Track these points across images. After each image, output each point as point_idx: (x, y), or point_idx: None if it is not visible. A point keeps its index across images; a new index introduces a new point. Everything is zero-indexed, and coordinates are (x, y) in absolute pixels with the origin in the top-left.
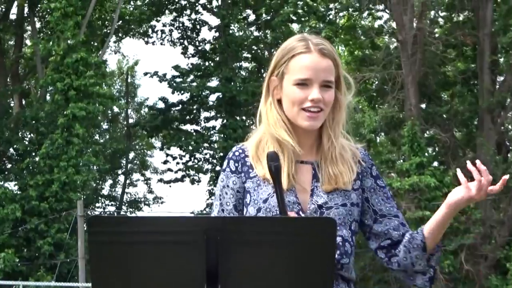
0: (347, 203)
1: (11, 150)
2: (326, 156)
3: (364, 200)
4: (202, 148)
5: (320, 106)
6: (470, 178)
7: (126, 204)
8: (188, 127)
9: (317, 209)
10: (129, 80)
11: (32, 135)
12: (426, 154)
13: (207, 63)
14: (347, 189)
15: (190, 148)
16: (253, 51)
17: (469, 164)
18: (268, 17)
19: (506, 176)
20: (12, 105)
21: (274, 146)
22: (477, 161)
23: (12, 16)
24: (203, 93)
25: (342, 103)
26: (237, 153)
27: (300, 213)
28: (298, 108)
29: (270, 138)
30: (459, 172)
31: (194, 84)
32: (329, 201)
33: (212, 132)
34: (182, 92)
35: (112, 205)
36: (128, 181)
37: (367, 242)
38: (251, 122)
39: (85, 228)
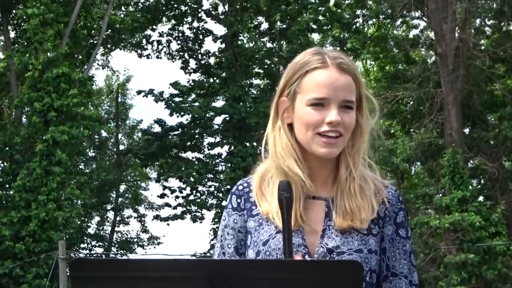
0: (364, 249)
1: None
2: (343, 188)
3: (381, 251)
4: (206, 180)
5: (339, 130)
6: None
7: (116, 245)
8: (189, 154)
9: (327, 254)
10: (119, 100)
11: (5, 164)
12: (470, 187)
13: (211, 80)
14: (364, 232)
15: (192, 179)
16: (265, 66)
17: None
18: (284, 26)
19: None
20: None
21: (280, 179)
22: None
23: None
24: (207, 115)
25: (364, 128)
26: (241, 187)
27: (306, 257)
28: (313, 133)
29: (275, 170)
30: None
31: (196, 104)
32: (342, 245)
33: (217, 160)
34: (182, 113)
35: (99, 246)
36: (118, 218)
37: None
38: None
39: (68, 273)
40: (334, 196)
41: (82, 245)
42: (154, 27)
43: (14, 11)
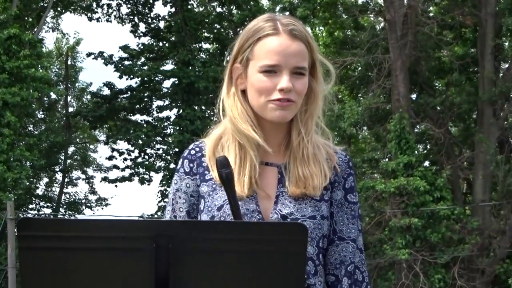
0: (317, 215)
1: None
2: (295, 155)
3: (329, 215)
4: (154, 143)
5: (290, 97)
6: (465, 179)
7: (65, 206)
8: (138, 117)
9: (281, 220)
10: (69, 63)
11: None
12: (416, 152)
13: (161, 44)
14: (317, 199)
15: (140, 142)
16: (215, 31)
17: None
18: None
19: None
20: None
21: (234, 145)
22: None
23: None
24: (156, 78)
25: (317, 93)
26: (193, 152)
27: (260, 220)
28: (265, 99)
29: (231, 136)
30: None
31: (146, 67)
32: (296, 211)
33: (166, 123)
34: (132, 76)
35: (48, 206)
36: (67, 180)
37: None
38: (211, 113)
39: (16, 233)
40: (287, 163)
41: (30, 206)
42: None
43: None
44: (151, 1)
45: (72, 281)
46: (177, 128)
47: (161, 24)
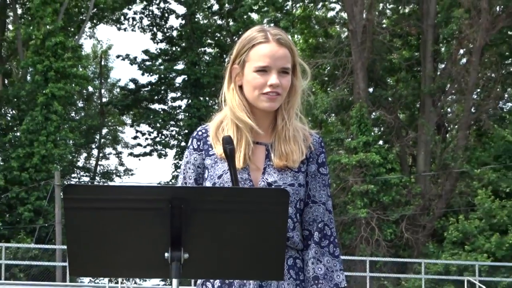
0: (295, 183)
1: None
2: (280, 135)
3: (305, 183)
4: (169, 126)
5: (277, 91)
6: (410, 155)
7: (99, 175)
8: (156, 106)
9: (267, 186)
10: (102, 63)
11: (14, 111)
12: (372, 133)
13: (174, 48)
14: (295, 170)
15: (158, 125)
16: (216, 38)
17: None
18: (231, 7)
19: None
20: None
21: (233, 128)
22: None
23: None
24: (170, 75)
25: (297, 88)
26: (200, 133)
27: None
28: (258, 93)
29: (230, 121)
30: None
31: (162, 67)
32: (279, 180)
33: (178, 111)
34: (151, 74)
35: (86, 176)
36: (101, 154)
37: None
38: (213, 102)
39: (61, 196)
40: (273, 142)
41: (73, 175)
42: (130, 6)
43: None
44: (166, 15)
45: (105, 234)
46: (187, 114)
47: (174, 33)
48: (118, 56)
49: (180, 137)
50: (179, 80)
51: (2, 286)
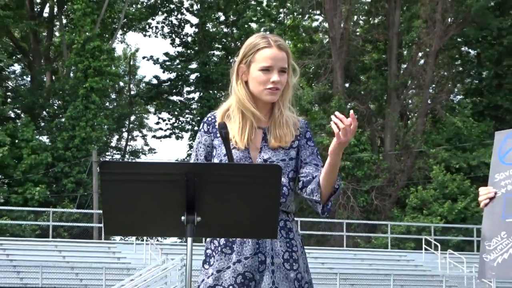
0: (286, 158)
1: (44, 112)
2: (275, 122)
3: (298, 154)
4: (184, 113)
5: (278, 87)
6: (379, 137)
7: (128, 153)
8: (174, 98)
9: (263, 162)
10: (131, 63)
11: (59, 102)
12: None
13: (188, 51)
14: (287, 148)
15: (176, 113)
16: (222, 43)
17: (333, 118)
18: (235, 18)
19: (351, 112)
20: (45, 79)
21: (239, 115)
22: (336, 113)
23: (45, 14)
24: (186, 73)
25: (290, 84)
26: (209, 118)
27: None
28: (263, 88)
29: (236, 109)
30: (333, 125)
31: (179, 66)
32: (272, 156)
33: (192, 102)
34: (170, 72)
35: (118, 154)
36: (129, 137)
37: (297, 186)
38: (220, 95)
39: (98, 170)
40: (269, 126)
41: (107, 154)
42: (153, 17)
43: (65, 6)
44: (182, 24)
45: (134, 201)
46: (199, 104)
47: (189, 39)
48: (144, 57)
49: (193, 123)
50: (192, 76)
51: (50, 243)
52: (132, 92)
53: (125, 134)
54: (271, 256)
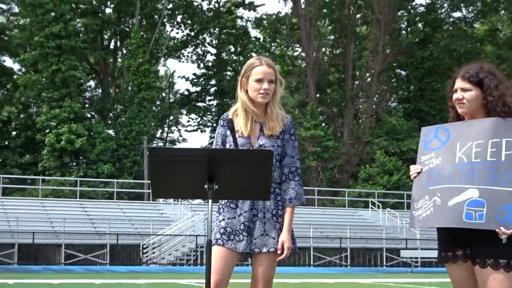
0: (275, 145)
1: (111, 114)
2: (269, 117)
3: (282, 146)
4: (207, 115)
5: (267, 92)
6: (339, 131)
7: (168, 142)
8: (200, 104)
9: (259, 147)
10: (170, 80)
11: (121, 106)
12: (318, 120)
13: (209, 72)
14: (276, 137)
15: (200, 114)
16: (233, 66)
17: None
18: (241, 49)
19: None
20: (111, 91)
21: (243, 113)
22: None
23: (111, 46)
24: (207, 87)
25: (278, 91)
26: (224, 117)
27: (250, 148)
28: (257, 93)
29: (241, 109)
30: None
31: (203, 82)
32: (266, 143)
33: (212, 107)
34: (197, 86)
35: (161, 142)
36: (169, 130)
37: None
38: (232, 102)
39: (147, 153)
40: (265, 121)
41: (153, 142)
42: (185, 49)
43: (125, 41)
44: (205, 54)
45: (172, 174)
46: (216, 109)
47: (210, 64)
48: (178, 76)
49: (212, 121)
50: (212, 90)
51: (115, 203)
52: (171, 100)
53: (166, 129)
54: (263, 212)
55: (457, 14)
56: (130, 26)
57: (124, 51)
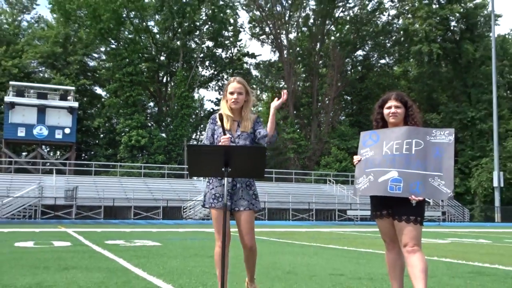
0: (248, 138)
1: (163, 124)
2: (243, 118)
3: (254, 132)
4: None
5: (237, 101)
6: (308, 134)
7: (200, 141)
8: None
9: (237, 136)
10: (201, 102)
11: (170, 119)
12: (295, 127)
13: None
14: (248, 133)
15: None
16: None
17: (283, 92)
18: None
19: (285, 91)
20: (164, 109)
21: (224, 115)
22: (285, 91)
23: (164, 80)
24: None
25: (249, 99)
26: (212, 117)
27: (232, 138)
28: (230, 102)
29: (223, 113)
30: (283, 94)
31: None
32: (241, 134)
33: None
34: (219, 105)
35: (195, 141)
36: (200, 134)
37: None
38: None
39: (186, 149)
40: (240, 120)
41: (191, 141)
42: (211, 82)
43: (172, 77)
44: (223, 85)
45: (202, 162)
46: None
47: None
48: (207, 99)
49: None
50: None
51: (165, 180)
52: (201, 115)
53: (198, 133)
54: (241, 183)
55: (383, 61)
56: (176, 67)
57: (172, 84)
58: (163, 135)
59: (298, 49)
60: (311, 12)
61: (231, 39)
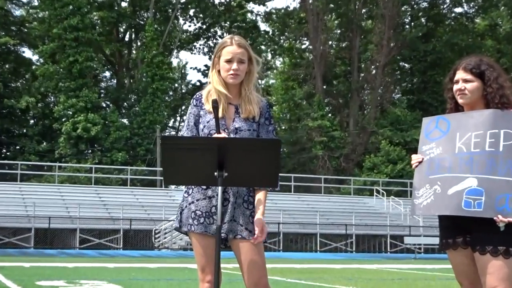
0: (251, 129)
1: (125, 103)
2: (244, 99)
3: (258, 129)
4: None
5: (237, 73)
6: (345, 121)
7: (180, 131)
8: None
9: (235, 129)
10: (182, 71)
11: (135, 96)
12: (325, 110)
13: None
14: (252, 120)
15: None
16: None
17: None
18: (251, 43)
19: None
20: (126, 82)
21: (216, 94)
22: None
23: (126, 38)
24: None
25: (253, 71)
26: (197, 96)
27: (225, 129)
28: (227, 73)
29: (214, 90)
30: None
31: None
32: (242, 126)
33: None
34: (207, 76)
35: (173, 131)
36: (181, 120)
37: None
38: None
39: (160, 142)
40: (240, 103)
41: (166, 131)
42: (197, 41)
43: (140, 34)
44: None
45: (182, 162)
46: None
47: None
48: (190, 67)
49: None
50: None
51: (128, 189)
52: (183, 91)
53: (178, 118)
54: (235, 196)
55: (458, 10)
56: (145, 19)
57: (139, 43)
58: (125, 121)
59: None
60: None
61: None
